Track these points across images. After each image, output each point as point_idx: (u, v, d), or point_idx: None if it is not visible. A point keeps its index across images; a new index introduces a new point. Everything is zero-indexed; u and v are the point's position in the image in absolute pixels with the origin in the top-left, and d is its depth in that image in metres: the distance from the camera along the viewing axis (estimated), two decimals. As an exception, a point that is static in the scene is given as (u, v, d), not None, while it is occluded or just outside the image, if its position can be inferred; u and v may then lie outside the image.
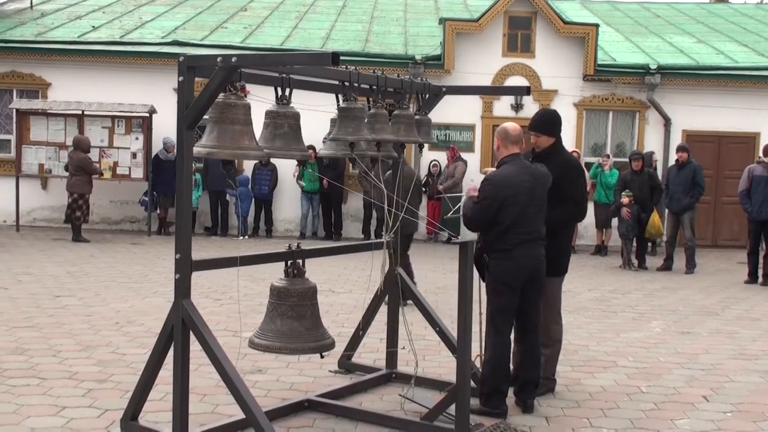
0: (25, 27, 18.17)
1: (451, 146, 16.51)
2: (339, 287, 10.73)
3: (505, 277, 5.57)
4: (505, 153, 5.72)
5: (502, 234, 5.52)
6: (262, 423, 4.56)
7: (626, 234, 13.86)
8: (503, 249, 5.55)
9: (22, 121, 16.12)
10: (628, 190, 13.69)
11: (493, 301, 5.64)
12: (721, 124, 17.11)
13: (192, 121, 4.68)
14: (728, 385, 6.72)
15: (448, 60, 16.65)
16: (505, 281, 5.58)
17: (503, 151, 5.73)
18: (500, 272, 5.58)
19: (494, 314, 5.62)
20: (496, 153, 5.81)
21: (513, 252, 5.54)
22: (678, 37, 19.83)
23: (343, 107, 5.28)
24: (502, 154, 5.73)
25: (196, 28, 18.73)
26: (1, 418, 5.28)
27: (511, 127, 5.78)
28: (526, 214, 5.54)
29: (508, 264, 5.56)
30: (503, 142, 5.73)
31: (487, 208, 5.53)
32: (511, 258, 5.55)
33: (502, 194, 5.50)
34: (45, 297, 9.49)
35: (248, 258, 5.09)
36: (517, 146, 5.73)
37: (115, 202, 17.04)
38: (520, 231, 5.54)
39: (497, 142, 5.78)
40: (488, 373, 5.63)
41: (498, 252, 5.56)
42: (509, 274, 5.57)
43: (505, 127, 5.80)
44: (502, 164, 5.72)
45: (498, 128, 5.88)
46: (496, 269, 5.59)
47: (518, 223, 5.52)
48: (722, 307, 10.40)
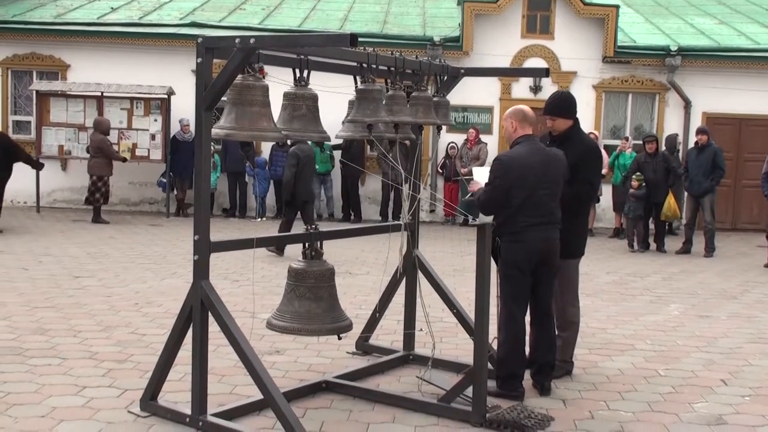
0: (45, 9, 18.22)
1: (475, 128, 16.45)
2: (356, 269, 10.75)
3: (515, 260, 5.53)
4: (521, 133, 5.67)
5: (512, 216, 5.47)
6: (280, 404, 4.58)
7: (627, 212, 13.86)
8: (513, 232, 5.49)
9: (42, 102, 16.20)
10: (639, 174, 13.61)
11: (505, 284, 5.61)
12: (742, 106, 16.94)
13: (210, 103, 4.69)
14: (746, 369, 6.69)
15: (466, 41, 16.57)
16: (515, 264, 5.53)
17: (519, 131, 5.68)
18: (511, 255, 5.53)
19: (507, 297, 5.60)
20: (512, 134, 5.72)
21: (523, 235, 5.49)
22: (699, 19, 19.63)
23: (361, 89, 5.27)
24: (518, 135, 5.68)
25: (214, 9, 18.72)
26: (23, 397, 5.34)
27: (527, 109, 5.76)
28: (536, 197, 5.48)
29: (519, 247, 5.51)
30: (521, 123, 5.68)
31: (498, 189, 5.48)
32: (521, 241, 5.50)
33: (512, 174, 5.45)
34: (65, 278, 9.56)
35: (266, 239, 5.10)
36: (532, 127, 5.70)
37: (134, 183, 17.12)
38: (531, 213, 5.48)
39: (514, 123, 5.69)
40: (503, 356, 5.61)
41: (508, 235, 5.51)
42: (520, 257, 5.52)
43: (522, 107, 5.76)
44: (515, 145, 5.67)
45: (513, 109, 5.79)
46: (506, 252, 5.54)
47: (528, 205, 5.47)
48: (741, 291, 10.34)
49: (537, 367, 5.80)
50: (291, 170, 11.35)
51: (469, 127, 16.64)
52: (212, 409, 4.96)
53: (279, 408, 4.57)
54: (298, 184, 11.41)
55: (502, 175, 5.48)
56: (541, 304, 5.76)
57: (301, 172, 11.44)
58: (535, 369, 5.81)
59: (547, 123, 6.15)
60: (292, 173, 11.35)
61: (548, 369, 5.81)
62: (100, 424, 4.92)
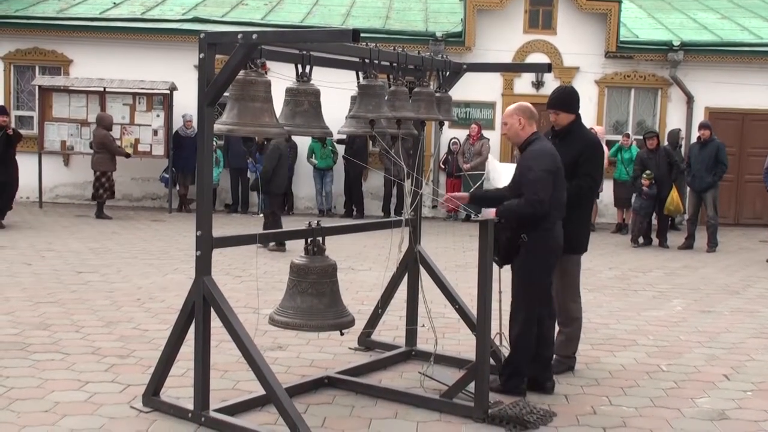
0: (47, 3, 18.21)
1: (478, 123, 16.43)
2: (359, 265, 10.76)
3: (547, 258, 5.47)
4: (530, 131, 5.58)
5: (547, 212, 5.35)
6: (283, 399, 4.59)
7: (638, 210, 13.84)
8: (546, 228, 5.41)
9: (44, 97, 16.21)
10: (649, 172, 13.58)
11: (529, 283, 5.47)
12: (744, 101, 16.92)
13: (213, 98, 4.69)
14: (749, 364, 6.69)
15: (469, 37, 16.55)
16: (547, 261, 5.48)
17: (528, 129, 5.58)
18: (542, 252, 5.43)
19: (532, 298, 5.49)
20: (518, 131, 5.59)
21: (553, 231, 5.46)
22: (701, 13, 19.60)
23: (363, 84, 5.26)
24: (527, 133, 5.57)
25: (216, 4, 18.71)
26: (26, 392, 5.35)
27: (532, 107, 5.69)
28: (562, 190, 5.49)
29: (550, 244, 5.46)
30: (528, 120, 5.58)
31: (550, 180, 5.32)
32: (552, 237, 5.46)
33: (556, 165, 5.38)
34: (68, 273, 9.57)
35: (268, 235, 5.10)
36: (536, 124, 5.66)
37: (137, 179, 17.13)
38: (559, 208, 5.46)
39: (522, 120, 5.56)
40: (521, 358, 5.53)
41: (541, 231, 5.38)
42: (551, 253, 5.49)
43: (529, 106, 5.68)
44: (530, 142, 5.54)
45: (519, 106, 5.67)
46: (537, 249, 5.40)
47: (558, 200, 5.43)
48: (744, 286, 10.34)
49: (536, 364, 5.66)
50: (272, 163, 11.70)
51: (471, 122, 16.62)
52: (214, 405, 4.97)
53: (281, 403, 4.57)
54: (276, 177, 11.78)
55: (552, 166, 5.36)
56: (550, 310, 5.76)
57: (281, 166, 11.84)
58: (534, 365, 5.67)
59: (551, 117, 6.15)
60: (272, 166, 11.69)
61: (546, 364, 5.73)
62: (103, 419, 4.93)
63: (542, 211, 5.30)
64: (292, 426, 4.50)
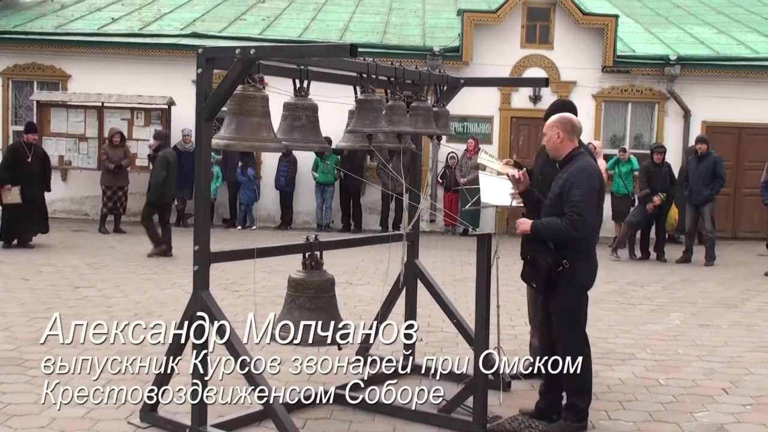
0: (46, 19, 18.25)
1: (474, 138, 16.45)
2: (357, 279, 10.75)
3: (588, 282, 5.22)
4: (571, 145, 5.20)
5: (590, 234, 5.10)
6: (280, 414, 4.58)
7: (632, 223, 13.83)
8: (587, 252, 5.15)
9: (42, 112, 16.24)
10: (664, 194, 13.49)
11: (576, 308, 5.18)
12: (741, 115, 16.95)
13: (210, 113, 4.70)
14: (748, 378, 6.68)
15: (466, 51, 16.60)
16: (588, 286, 5.23)
17: (567, 143, 5.19)
18: (586, 276, 5.19)
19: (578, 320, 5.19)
20: (557, 144, 5.21)
21: (592, 253, 5.21)
22: (698, 28, 19.66)
23: (361, 99, 5.27)
24: (566, 147, 5.19)
25: (214, 19, 18.76)
26: (23, 408, 5.34)
27: (577, 120, 5.33)
28: (601, 211, 5.22)
29: (590, 267, 5.22)
30: (569, 134, 5.21)
31: (595, 200, 5.06)
32: (593, 260, 5.24)
33: (599, 185, 5.10)
34: (65, 288, 9.56)
35: (266, 250, 5.10)
36: (577, 140, 5.29)
37: (134, 194, 17.07)
38: (598, 230, 5.22)
39: (561, 134, 5.18)
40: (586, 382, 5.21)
41: (583, 255, 5.11)
42: (592, 279, 5.25)
43: (573, 118, 5.31)
44: (573, 158, 5.16)
45: (559, 117, 5.28)
46: (583, 274, 5.14)
47: (598, 222, 5.18)
48: (742, 300, 10.33)
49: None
50: (162, 173, 12.16)
51: (468, 137, 16.64)
52: (212, 420, 4.95)
53: (279, 419, 4.56)
54: (166, 186, 12.25)
55: (597, 186, 5.08)
56: None
57: (170, 176, 12.30)
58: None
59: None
60: (162, 177, 12.14)
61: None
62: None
63: (585, 233, 5.00)
64: (290, 441, 4.49)
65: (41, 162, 13.09)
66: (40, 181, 13.02)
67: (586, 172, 5.05)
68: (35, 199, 12.89)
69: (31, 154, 12.83)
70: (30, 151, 12.84)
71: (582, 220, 4.91)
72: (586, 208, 4.94)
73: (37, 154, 13.06)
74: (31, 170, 12.78)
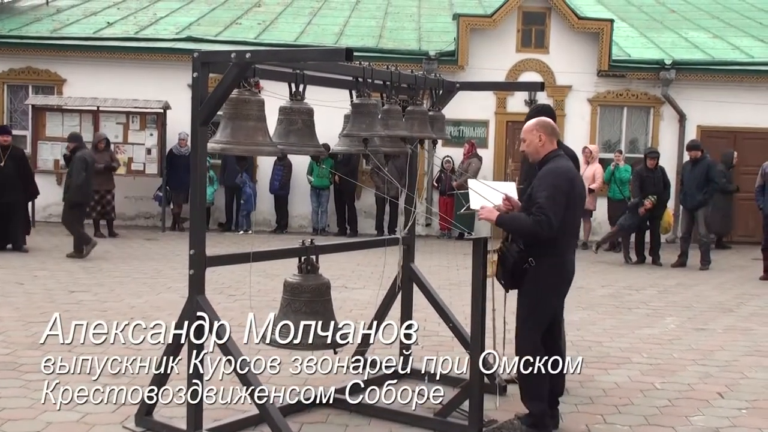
0: (41, 23, 18.24)
1: (470, 142, 16.46)
2: (352, 283, 10.74)
3: (557, 285, 5.16)
4: (550, 147, 5.20)
5: (559, 234, 4.96)
6: (276, 418, 4.57)
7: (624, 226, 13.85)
8: (555, 253, 5.04)
9: (37, 117, 16.21)
10: (655, 196, 13.52)
11: (535, 309, 5.11)
12: (736, 119, 16.98)
13: (206, 117, 4.70)
14: (743, 382, 6.69)
15: (461, 56, 16.61)
16: (557, 289, 5.18)
17: (549, 146, 5.19)
18: (552, 278, 5.09)
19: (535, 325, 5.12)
20: (538, 147, 5.21)
21: (563, 257, 5.11)
22: (693, 33, 19.71)
23: (356, 103, 5.28)
24: (547, 149, 5.19)
25: (210, 24, 18.76)
26: (18, 412, 5.33)
27: (552, 121, 5.36)
28: (577, 213, 5.19)
29: (561, 270, 5.12)
30: (550, 137, 5.21)
31: (562, 202, 4.94)
32: (563, 263, 5.12)
33: (571, 186, 5.02)
34: (60, 292, 9.54)
35: (262, 254, 5.10)
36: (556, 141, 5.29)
37: (130, 198, 17.09)
38: (571, 232, 5.16)
39: (542, 136, 5.19)
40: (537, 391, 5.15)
41: (552, 257, 5.03)
42: (561, 282, 5.17)
43: (551, 122, 5.33)
44: (548, 160, 5.16)
45: (538, 121, 5.30)
46: (547, 276, 5.05)
47: (572, 223, 5.11)
48: (737, 304, 10.34)
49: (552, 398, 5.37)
50: (82, 174, 12.39)
51: (464, 141, 16.65)
52: (208, 425, 4.95)
53: (275, 423, 4.56)
54: (83, 187, 12.51)
55: (566, 187, 5.00)
56: (557, 329, 5.47)
57: (89, 176, 12.56)
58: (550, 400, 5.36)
59: None
60: (83, 177, 12.39)
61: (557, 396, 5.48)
62: (95, 439, 4.90)
63: (548, 234, 4.89)
64: (286, 445, 4.48)
65: (17, 164, 12.76)
66: (17, 184, 12.67)
67: (553, 174, 5.04)
68: (12, 202, 12.61)
69: (5, 158, 12.58)
70: (4, 154, 12.60)
71: (546, 221, 4.86)
72: (551, 208, 4.88)
73: (13, 156, 12.76)
74: (4, 173, 12.49)
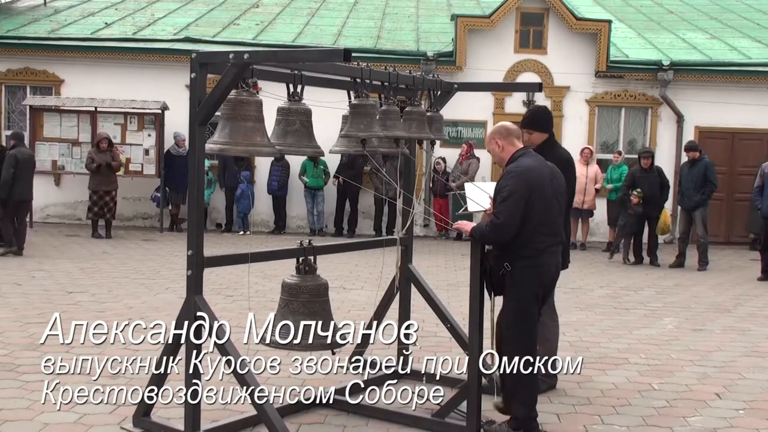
0: (39, 24, 18.23)
1: (468, 143, 16.45)
2: (350, 284, 10.74)
3: (533, 289, 5.06)
4: (511, 149, 5.19)
5: (529, 236, 4.94)
6: (274, 419, 4.57)
7: (623, 227, 13.85)
8: (530, 255, 4.97)
9: (35, 117, 16.19)
10: (639, 190, 13.55)
11: (520, 317, 5.07)
12: (734, 120, 17.00)
13: (204, 118, 4.69)
14: (741, 383, 6.69)
15: (459, 56, 16.62)
16: (534, 293, 5.07)
17: (510, 148, 5.20)
18: (528, 283, 5.02)
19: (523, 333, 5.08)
20: (500, 154, 5.24)
21: (540, 258, 5.02)
22: (691, 33, 19.73)
23: (354, 104, 5.28)
24: (509, 152, 5.19)
25: (208, 24, 18.75)
26: (16, 413, 5.32)
27: (509, 124, 5.35)
28: (551, 212, 5.10)
29: (536, 272, 5.04)
30: (507, 139, 5.20)
31: (518, 203, 4.89)
32: (539, 265, 5.03)
33: (529, 185, 4.94)
34: (58, 293, 9.53)
35: (260, 254, 5.10)
36: (519, 140, 5.29)
37: (128, 198, 17.07)
38: (547, 232, 5.04)
39: (500, 142, 5.22)
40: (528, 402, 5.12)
41: (525, 259, 4.97)
42: (537, 284, 5.07)
43: (502, 124, 5.34)
44: (513, 160, 5.15)
45: (493, 129, 5.33)
46: (523, 280, 5.00)
47: (544, 223, 5.00)
48: (735, 304, 10.35)
49: None
50: (9, 171, 12.40)
51: (462, 141, 16.65)
52: (205, 425, 4.94)
53: (272, 424, 4.56)
54: (17, 185, 12.47)
55: (521, 188, 4.93)
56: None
57: (20, 174, 12.49)
58: None
59: (524, 136, 6.10)
60: (10, 174, 12.39)
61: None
62: (93, 440, 4.90)
63: (504, 237, 4.91)
64: (284, 446, 4.48)
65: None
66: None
67: (510, 174, 5.03)
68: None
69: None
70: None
71: (500, 224, 4.89)
72: (505, 210, 4.90)
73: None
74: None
